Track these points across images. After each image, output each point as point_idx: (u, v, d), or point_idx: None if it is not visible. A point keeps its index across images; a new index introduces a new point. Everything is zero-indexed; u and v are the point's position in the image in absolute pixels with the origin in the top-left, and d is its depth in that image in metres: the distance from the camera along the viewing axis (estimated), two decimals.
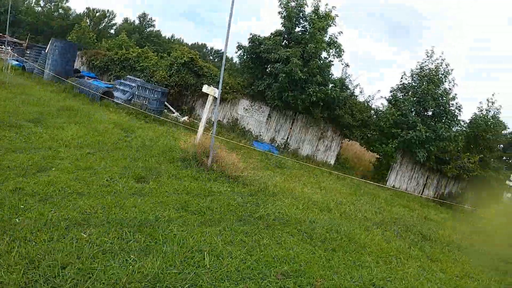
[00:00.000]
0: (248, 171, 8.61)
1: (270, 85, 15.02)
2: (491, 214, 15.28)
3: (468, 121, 17.49)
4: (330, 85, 15.49)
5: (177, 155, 8.20)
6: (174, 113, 15.77)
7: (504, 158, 22.12)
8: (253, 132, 16.20)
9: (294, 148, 16.27)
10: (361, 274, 4.91)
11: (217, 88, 7.83)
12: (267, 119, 16.25)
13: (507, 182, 15.60)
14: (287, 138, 16.40)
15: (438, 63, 16.60)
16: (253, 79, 16.23)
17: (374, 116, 16.55)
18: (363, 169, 17.72)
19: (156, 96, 14.11)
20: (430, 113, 16.55)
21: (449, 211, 15.08)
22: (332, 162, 16.39)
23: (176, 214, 5.05)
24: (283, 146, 16.33)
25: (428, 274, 5.86)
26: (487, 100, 17.85)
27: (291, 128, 16.40)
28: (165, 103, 15.76)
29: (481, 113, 17.71)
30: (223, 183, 7.30)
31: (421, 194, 16.71)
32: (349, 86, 16.70)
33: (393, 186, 16.48)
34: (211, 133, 7.89)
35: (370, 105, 17.03)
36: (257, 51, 15.50)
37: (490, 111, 17.60)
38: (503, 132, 19.67)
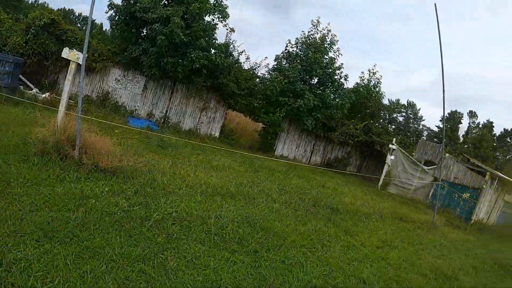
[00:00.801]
0: (127, 158, 7.78)
1: (147, 51, 14.73)
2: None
3: (351, 90, 20.00)
4: (213, 51, 15.83)
5: (33, 149, 6.83)
6: (32, 89, 14.67)
7: (388, 124, 28.06)
8: (127, 107, 16.10)
9: (175, 122, 16.64)
10: (296, 276, 5.09)
11: (81, 52, 7.16)
12: (143, 90, 16.28)
13: (390, 145, 18.62)
14: (167, 111, 16.69)
15: (324, 33, 18.85)
16: (126, 44, 15.70)
17: (260, 85, 17.82)
18: (249, 140, 19.12)
19: (7, 68, 12.75)
20: (316, 80, 18.73)
21: (339, 175, 17.39)
22: (217, 134, 17.36)
23: (37, 250, 3.89)
24: (162, 121, 16.49)
25: (354, 253, 6.83)
26: (369, 70, 21.14)
27: (170, 100, 16.66)
28: (21, 77, 14.50)
29: (363, 83, 20.96)
30: (98, 181, 6.42)
31: (309, 161, 19.43)
32: (234, 53, 17.65)
33: (282, 155, 18.40)
34: (76, 112, 7.02)
35: (256, 73, 18.27)
36: (131, 10, 14.89)
37: (371, 81, 21.03)
38: (383, 100, 23.39)
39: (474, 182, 18.60)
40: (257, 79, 18.12)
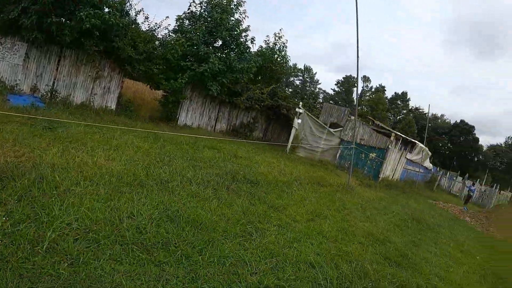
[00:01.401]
0: (6, 150, 6.77)
1: (27, 10, 13.40)
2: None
3: (256, 53, 21.19)
4: (107, 9, 14.87)
5: None
6: None
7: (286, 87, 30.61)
8: (6, 82, 14.43)
9: (64, 96, 15.40)
10: (244, 279, 4.72)
11: None
12: (24, 60, 14.64)
13: (297, 109, 20.05)
14: (54, 83, 15.31)
15: None
16: (2, 3, 13.94)
17: (160, 48, 17.39)
18: (149, 110, 18.84)
19: None
20: (221, 43, 19.15)
21: (246, 142, 18.17)
22: (114, 106, 16.56)
23: None
24: (49, 95, 15.10)
25: (290, 233, 6.87)
26: (275, 34, 22.58)
27: (57, 70, 15.33)
28: None
29: (268, 46, 22.39)
30: None
31: (214, 129, 19.97)
32: (131, 12, 16.68)
33: (186, 125, 18.59)
34: None
35: (156, 35, 17.74)
36: None
37: (277, 44, 22.58)
38: (288, 64, 25.02)
39: (379, 143, 20.61)
40: (157, 42, 17.67)
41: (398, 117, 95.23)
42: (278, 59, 22.73)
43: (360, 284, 5.64)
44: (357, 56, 14.03)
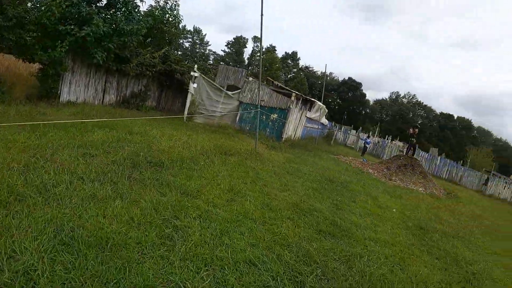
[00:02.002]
0: None
1: None
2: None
3: (146, 13, 19.70)
4: None
5: None
6: None
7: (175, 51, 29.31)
8: None
9: None
10: None
11: None
12: None
13: (192, 73, 19.17)
14: None
15: None
16: None
17: (34, 11, 14.98)
18: (26, 88, 15.85)
19: None
20: (105, 2, 16.96)
21: (140, 113, 17.37)
22: None
23: None
24: None
25: (215, 224, 6.09)
26: None
27: None
28: None
29: (159, 5, 20.90)
30: None
31: (103, 101, 18.13)
32: None
33: (70, 101, 16.19)
34: None
35: None
36: None
37: (168, 3, 21.15)
38: (180, 25, 23.39)
39: (280, 103, 20.40)
40: (29, 4, 15.27)
41: (288, 76, 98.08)
42: (170, 19, 21.16)
43: (310, 273, 5.25)
44: (261, 15, 13.34)
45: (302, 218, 7.82)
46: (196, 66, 20.15)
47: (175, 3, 21.63)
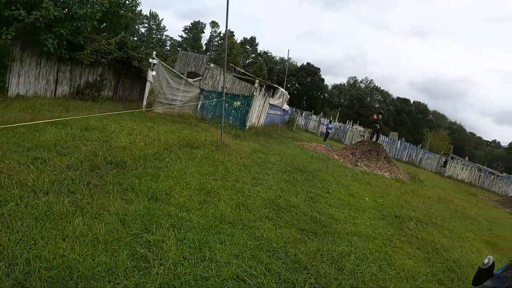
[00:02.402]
0: None
1: None
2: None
3: None
4: None
5: None
6: None
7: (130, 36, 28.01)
8: None
9: None
10: None
11: None
12: None
13: (150, 60, 18.50)
14: None
15: None
16: None
17: None
18: None
19: None
20: None
21: (96, 105, 16.49)
22: None
23: None
24: None
25: (189, 233, 5.38)
26: None
27: None
28: None
29: None
30: None
31: (55, 93, 16.90)
32: None
33: (19, 95, 14.82)
34: None
35: None
36: None
37: None
38: (138, 9, 22.29)
39: (244, 90, 19.94)
40: None
41: (247, 61, 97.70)
42: (127, 2, 19.83)
43: (304, 283, 4.81)
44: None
45: (281, 216, 7.41)
46: (154, 52, 19.27)
47: None
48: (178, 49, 68.59)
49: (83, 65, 17.91)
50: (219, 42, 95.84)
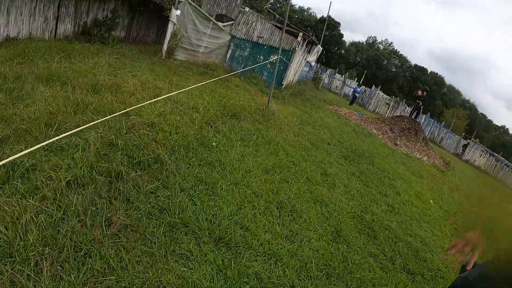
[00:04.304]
0: None
1: None
2: None
3: None
4: None
5: None
6: None
7: None
8: None
9: None
10: None
11: None
12: None
13: None
14: None
15: None
16: None
17: None
18: None
19: None
20: None
21: (107, 49, 13.33)
22: None
23: None
24: None
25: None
26: None
27: None
28: None
29: None
30: None
31: (56, 34, 13.32)
32: None
33: (9, 36, 11.35)
34: None
35: None
36: None
37: None
38: None
39: (284, 43, 17.04)
40: None
41: (264, 7, 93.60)
42: None
43: None
44: None
45: (383, 248, 5.49)
46: None
47: None
48: None
49: (90, 0, 14.25)
50: None
